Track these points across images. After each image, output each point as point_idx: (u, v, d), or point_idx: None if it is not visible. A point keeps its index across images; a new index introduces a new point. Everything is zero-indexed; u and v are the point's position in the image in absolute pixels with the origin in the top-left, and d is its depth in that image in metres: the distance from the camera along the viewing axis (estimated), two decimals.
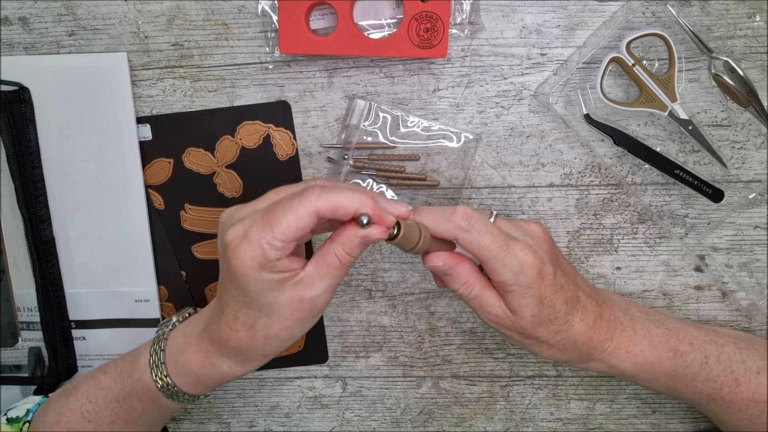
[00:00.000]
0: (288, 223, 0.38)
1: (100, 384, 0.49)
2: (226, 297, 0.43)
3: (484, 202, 0.57)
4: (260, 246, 0.39)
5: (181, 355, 0.46)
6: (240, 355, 0.45)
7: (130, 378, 0.48)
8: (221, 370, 0.46)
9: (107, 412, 0.48)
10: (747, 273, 0.58)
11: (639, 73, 0.52)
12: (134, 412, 0.48)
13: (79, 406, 0.48)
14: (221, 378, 0.46)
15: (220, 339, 0.44)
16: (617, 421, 0.62)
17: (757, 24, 0.53)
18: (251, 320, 0.42)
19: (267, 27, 0.54)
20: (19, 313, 0.59)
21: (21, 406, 0.52)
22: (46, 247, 0.57)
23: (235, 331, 0.43)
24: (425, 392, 0.62)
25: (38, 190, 0.56)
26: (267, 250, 0.39)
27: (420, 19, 0.51)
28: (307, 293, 0.41)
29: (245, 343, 0.43)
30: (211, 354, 0.45)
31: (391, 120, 0.56)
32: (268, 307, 0.41)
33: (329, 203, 0.39)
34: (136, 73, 0.56)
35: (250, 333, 0.43)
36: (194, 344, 0.46)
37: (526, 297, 0.44)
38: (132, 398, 0.48)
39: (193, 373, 0.46)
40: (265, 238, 0.38)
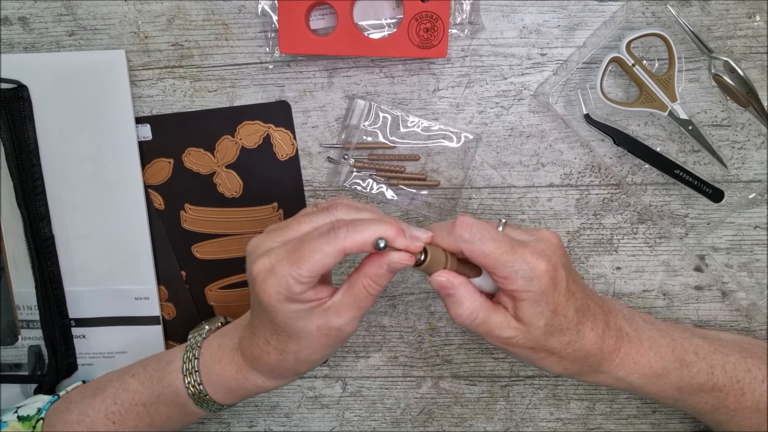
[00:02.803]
0: (314, 261, 0.39)
1: (127, 387, 0.49)
2: (257, 322, 0.44)
3: (484, 202, 0.57)
4: (286, 281, 0.40)
5: (216, 365, 0.47)
6: (272, 372, 0.46)
7: (160, 383, 0.48)
8: (255, 383, 0.47)
9: (132, 416, 0.48)
10: (747, 273, 0.58)
11: (639, 73, 0.52)
12: (159, 417, 0.49)
13: (105, 407, 0.49)
14: (254, 390, 0.47)
15: (252, 357, 0.45)
16: (617, 421, 0.62)
17: (757, 24, 0.53)
18: (282, 345, 0.44)
19: (267, 27, 0.54)
20: (19, 311, 0.59)
21: (31, 404, 0.52)
22: (45, 245, 0.57)
23: (266, 353, 0.45)
24: (425, 392, 0.62)
25: (37, 188, 0.56)
26: (292, 285, 0.40)
27: (420, 19, 0.51)
28: (335, 322, 0.42)
29: (277, 363, 0.45)
30: (244, 368, 0.46)
31: (391, 120, 0.56)
32: (296, 335, 0.42)
33: (356, 242, 0.39)
34: (136, 73, 0.56)
35: (282, 356, 0.44)
36: (228, 356, 0.47)
37: (540, 304, 0.42)
38: (160, 403, 0.48)
39: (227, 383, 0.47)
40: (292, 274, 0.39)
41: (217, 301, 0.60)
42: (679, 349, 0.49)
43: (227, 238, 0.59)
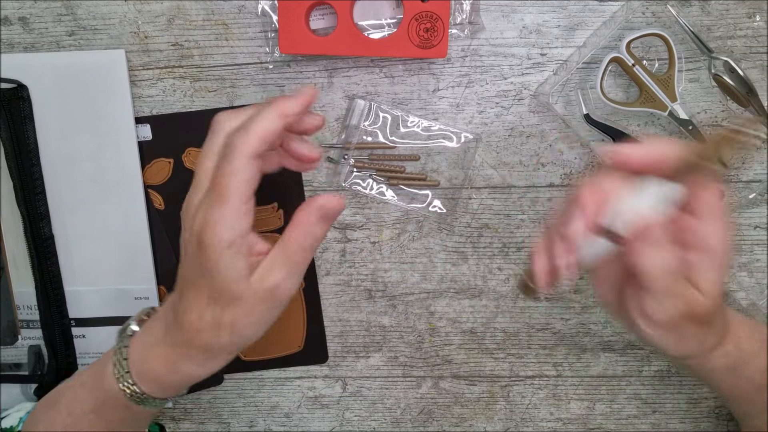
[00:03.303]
0: (235, 185, 0.38)
1: (77, 397, 0.48)
2: (189, 297, 0.42)
3: (484, 202, 0.57)
4: (223, 223, 0.38)
5: (144, 365, 0.45)
6: (204, 355, 0.43)
7: (102, 389, 0.46)
8: (185, 372, 0.44)
9: (85, 424, 0.47)
10: (747, 273, 0.58)
11: (639, 73, 0.52)
12: (111, 422, 0.47)
13: (61, 419, 0.47)
14: (187, 380, 0.45)
15: (182, 341, 0.43)
16: (617, 421, 0.62)
17: (757, 24, 0.53)
18: (217, 317, 0.41)
19: (267, 27, 0.54)
20: (19, 311, 0.59)
21: (13, 414, 0.52)
22: (45, 244, 0.57)
23: (198, 332, 0.42)
24: (425, 392, 0.62)
25: (37, 188, 0.56)
26: (229, 224, 0.38)
27: (420, 19, 0.51)
28: (269, 279, 0.40)
29: (210, 341, 0.42)
30: (174, 359, 0.44)
31: (391, 120, 0.56)
32: (233, 300, 0.40)
33: (255, 135, 0.38)
34: (136, 73, 0.56)
35: (215, 331, 0.41)
36: (154, 353, 0.45)
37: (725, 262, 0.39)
38: (106, 409, 0.47)
39: (158, 379, 0.45)
40: (224, 213, 0.38)
41: None
42: (762, 331, 0.46)
43: None
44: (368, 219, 0.58)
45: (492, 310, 0.60)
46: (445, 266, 0.59)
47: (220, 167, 0.39)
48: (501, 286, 0.59)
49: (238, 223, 0.38)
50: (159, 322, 0.46)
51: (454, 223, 0.58)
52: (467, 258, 0.59)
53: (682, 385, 0.61)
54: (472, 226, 0.58)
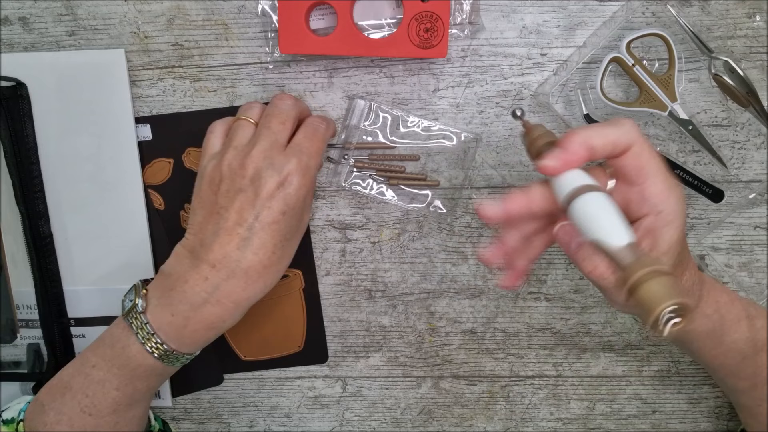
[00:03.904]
0: (318, 158, 0.50)
1: (93, 378, 0.49)
2: (264, 237, 0.47)
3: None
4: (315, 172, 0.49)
5: (166, 317, 0.47)
6: (233, 276, 0.46)
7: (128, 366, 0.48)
8: (209, 311, 0.47)
9: (108, 402, 0.49)
10: (747, 273, 0.58)
11: (639, 73, 0.52)
12: (137, 393, 0.49)
13: (77, 402, 0.49)
14: (210, 318, 0.47)
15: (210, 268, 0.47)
16: (617, 421, 0.62)
17: (757, 24, 0.53)
18: (283, 251, 0.49)
19: (267, 27, 0.54)
20: (18, 311, 0.59)
21: (14, 407, 0.52)
22: (44, 243, 0.57)
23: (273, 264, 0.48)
24: (425, 392, 0.62)
25: (36, 186, 0.56)
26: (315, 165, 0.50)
27: (420, 19, 0.51)
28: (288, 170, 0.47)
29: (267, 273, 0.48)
30: (197, 304, 0.47)
31: (391, 120, 0.56)
32: (299, 228, 0.51)
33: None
34: (136, 73, 0.56)
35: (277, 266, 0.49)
36: (177, 297, 0.47)
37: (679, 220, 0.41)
38: (135, 381, 0.49)
39: (182, 322, 0.47)
40: (316, 164, 0.50)
41: None
42: (743, 302, 0.48)
43: None
44: (368, 219, 0.58)
45: (492, 310, 0.60)
46: (445, 266, 0.59)
47: (313, 140, 0.50)
48: None
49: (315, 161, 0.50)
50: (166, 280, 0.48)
51: (454, 223, 0.58)
52: (467, 258, 0.59)
53: (682, 385, 0.61)
54: (472, 226, 0.58)
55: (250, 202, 0.46)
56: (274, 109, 0.49)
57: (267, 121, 0.49)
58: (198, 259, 0.47)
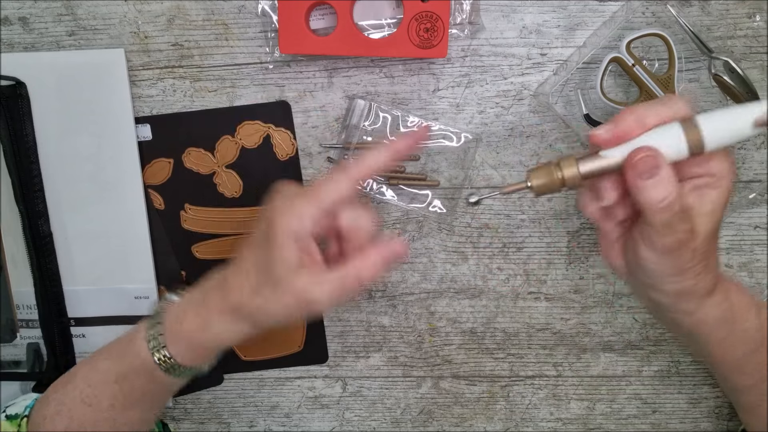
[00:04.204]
0: (327, 191, 0.42)
1: (97, 368, 0.49)
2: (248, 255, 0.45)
3: (484, 202, 0.57)
4: (300, 213, 0.42)
5: (179, 325, 0.47)
6: (235, 314, 0.46)
7: (127, 356, 0.48)
8: (214, 331, 0.46)
9: (106, 395, 0.48)
10: (747, 273, 0.58)
11: (639, 73, 0.52)
12: (133, 392, 0.49)
13: (79, 391, 0.48)
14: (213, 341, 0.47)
15: (222, 293, 0.46)
16: (617, 421, 0.62)
17: (757, 24, 0.53)
18: (259, 283, 0.44)
19: (267, 27, 0.54)
20: (18, 311, 0.59)
21: (19, 403, 0.52)
22: (43, 242, 0.57)
23: (239, 288, 0.45)
24: (425, 392, 0.62)
25: (36, 186, 0.56)
26: (305, 217, 0.42)
27: (420, 19, 0.51)
28: (313, 292, 0.42)
29: (245, 299, 0.45)
30: (207, 313, 0.46)
31: (391, 120, 0.56)
32: (276, 282, 0.43)
33: (365, 165, 0.43)
34: (136, 73, 0.56)
35: (252, 294, 0.44)
36: (192, 309, 0.47)
37: (728, 183, 0.41)
38: (131, 376, 0.48)
39: (188, 338, 0.47)
40: (307, 207, 0.42)
41: None
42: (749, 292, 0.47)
43: (227, 238, 0.59)
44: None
45: (492, 310, 0.60)
46: (445, 266, 0.59)
47: (326, 178, 0.43)
48: (501, 286, 0.59)
49: (309, 221, 0.42)
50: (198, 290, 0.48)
51: (454, 223, 0.58)
52: (467, 258, 0.59)
53: (682, 385, 0.61)
54: (472, 226, 0.58)
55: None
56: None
57: None
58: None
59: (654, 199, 0.39)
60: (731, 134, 0.39)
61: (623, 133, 0.40)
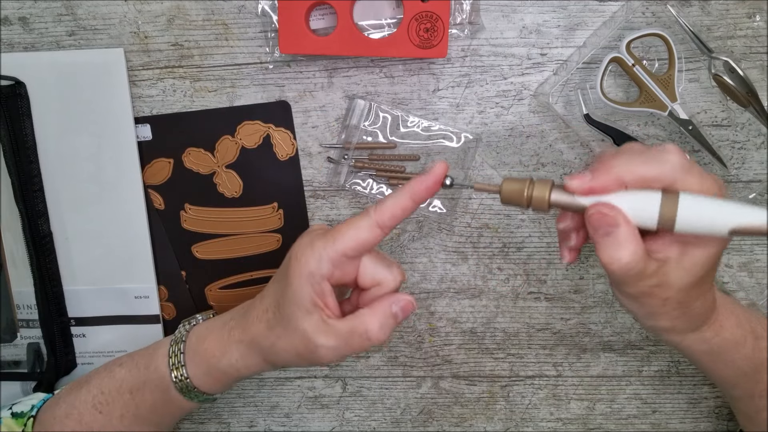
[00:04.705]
0: (348, 236, 0.41)
1: (114, 375, 0.49)
2: (270, 290, 0.45)
3: (484, 202, 0.57)
4: (319, 255, 0.41)
5: (200, 345, 0.47)
6: (251, 347, 0.46)
7: (147, 369, 0.48)
8: (230, 359, 0.46)
9: (119, 404, 0.48)
10: (747, 273, 0.58)
11: (639, 73, 0.52)
12: (144, 405, 0.49)
13: (92, 397, 0.49)
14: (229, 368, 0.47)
15: (242, 323, 0.46)
16: (617, 421, 0.62)
17: (757, 24, 0.53)
18: (274, 321, 0.44)
19: (267, 27, 0.54)
20: (18, 311, 0.59)
21: (26, 401, 0.52)
22: (43, 242, 0.57)
23: (257, 320, 0.45)
24: (425, 392, 0.62)
25: (35, 185, 0.56)
26: (324, 260, 0.41)
27: (420, 19, 0.51)
28: (319, 339, 0.42)
29: (260, 334, 0.45)
30: (227, 340, 0.46)
31: (391, 120, 0.56)
32: (287, 321, 0.43)
33: (384, 210, 0.41)
34: (136, 73, 0.56)
35: (266, 330, 0.44)
36: (215, 333, 0.47)
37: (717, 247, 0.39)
38: (145, 389, 0.48)
39: (206, 361, 0.47)
40: (326, 248, 0.41)
41: (217, 301, 0.60)
42: (752, 321, 0.47)
43: (227, 238, 0.59)
44: None
45: (492, 310, 0.60)
46: (445, 266, 0.59)
47: (347, 222, 0.42)
48: (501, 286, 0.59)
49: (327, 266, 0.41)
50: (230, 313, 0.49)
51: (454, 223, 0.58)
52: (467, 258, 0.59)
53: (682, 385, 0.61)
54: (472, 226, 0.58)
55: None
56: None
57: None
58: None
59: (606, 258, 0.38)
60: (705, 228, 0.37)
61: (600, 189, 0.38)
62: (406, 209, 0.41)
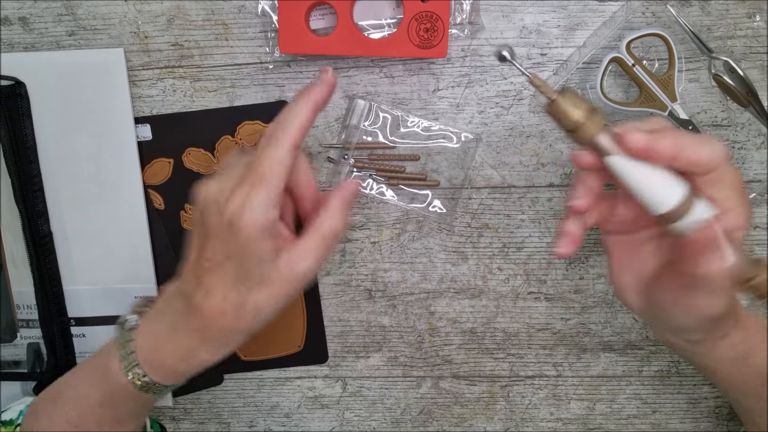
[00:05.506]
0: (275, 170, 0.40)
1: (80, 391, 0.48)
2: (213, 279, 0.42)
3: (484, 202, 0.57)
4: (264, 207, 0.39)
5: (155, 355, 0.45)
6: (221, 340, 0.44)
7: (108, 382, 0.46)
8: (201, 359, 0.44)
9: (92, 418, 0.47)
10: None
11: (639, 73, 0.52)
12: (120, 412, 0.48)
13: (64, 413, 0.48)
14: (200, 366, 0.45)
15: (199, 327, 0.43)
16: (617, 421, 0.62)
17: (757, 24, 0.53)
18: (242, 298, 0.41)
19: (267, 27, 0.54)
20: (18, 311, 0.59)
21: (14, 407, 0.52)
22: (43, 242, 0.57)
23: (221, 314, 0.42)
24: (425, 392, 0.62)
25: (35, 185, 0.56)
26: (270, 208, 0.40)
27: (420, 19, 0.51)
28: (300, 266, 0.41)
29: (231, 324, 0.42)
30: (189, 347, 0.44)
31: (391, 120, 0.56)
32: (260, 281, 0.41)
33: (294, 128, 0.41)
34: (136, 73, 0.56)
35: (238, 312, 0.42)
36: (168, 342, 0.45)
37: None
38: (115, 400, 0.47)
39: (171, 367, 0.45)
40: (265, 197, 0.39)
41: None
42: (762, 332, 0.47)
43: None
44: (368, 219, 0.58)
45: (492, 310, 0.60)
46: (445, 266, 0.59)
47: (261, 155, 0.40)
48: (501, 286, 0.59)
49: (273, 209, 0.40)
50: (166, 311, 0.46)
51: (454, 223, 0.58)
52: (467, 258, 0.59)
53: (682, 385, 0.61)
54: (472, 226, 0.58)
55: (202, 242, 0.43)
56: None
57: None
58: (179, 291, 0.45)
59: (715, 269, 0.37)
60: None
61: (658, 151, 0.37)
62: (311, 120, 0.42)
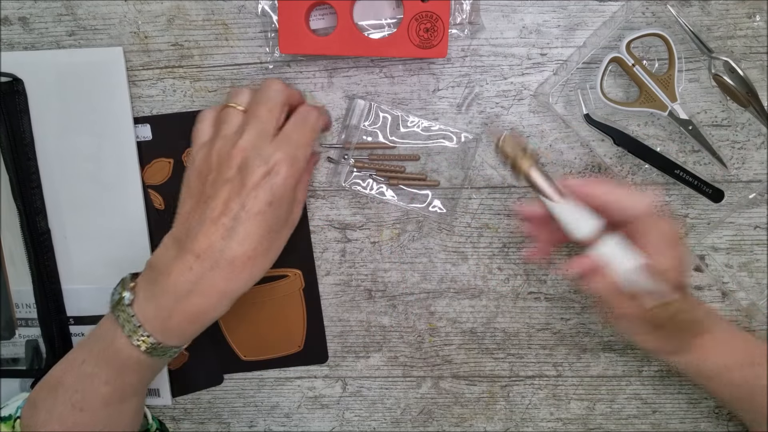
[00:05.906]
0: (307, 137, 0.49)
1: (83, 373, 0.48)
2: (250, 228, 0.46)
3: (484, 202, 0.57)
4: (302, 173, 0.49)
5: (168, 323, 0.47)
6: (243, 285, 0.47)
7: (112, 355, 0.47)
8: (216, 313, 0.48)
9: (99, 397, 0.48)
10: (747, 273, 0.58)
11: (639, 73, 0.52)
12: (129, 387, 0.49)
13: (68, 397, 0.48)
14: (211, 321, 0.48)
15: (227, 277, 0.46)
16: (617, 421, 0.62)
17: (757, 24, 0.53)
18: (274, 242, 0.49)
19: (267, 27, 0.54)
20: (17, 310, 0.59)
21: (11, 404, 0.52)
22: (41, 238, 0.57)
23: (252, 267, 0.47)
24: (425, 392, 0.62)
25: (33, 182, 0.56)
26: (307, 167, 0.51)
27: (420, 19, 0.51)
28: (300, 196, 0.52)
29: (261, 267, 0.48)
30: (206, 302, 0.47)
31: (391, 120, 0.56)
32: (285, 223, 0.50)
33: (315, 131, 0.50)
34: (136, 73, 0.56)
35: (266, 255, 0.48)
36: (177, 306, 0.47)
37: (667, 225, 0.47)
38: (125, 374, 0.48)
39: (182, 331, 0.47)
40: (304, 160, 0.48)
41: None
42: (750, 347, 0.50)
43: None
44: (368, 219, 0.58)
45: (492, 310, 0.60)
46: (445, 266, 0.59)
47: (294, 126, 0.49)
48: (501, 286, 0.59)
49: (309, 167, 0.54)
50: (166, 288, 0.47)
51: (454, 223, 0.58)
52: (467, 258, 0.59)
53: (682, 385, 0.61)
54: (472, 226, 0.58)
55: (236, 191, 0.45)
56: (261, 96, 0.48)
57: (255, 109, 0.48)
58: (183, 249, 0.46)
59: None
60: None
61: (582, 193, 0.47)
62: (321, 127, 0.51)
